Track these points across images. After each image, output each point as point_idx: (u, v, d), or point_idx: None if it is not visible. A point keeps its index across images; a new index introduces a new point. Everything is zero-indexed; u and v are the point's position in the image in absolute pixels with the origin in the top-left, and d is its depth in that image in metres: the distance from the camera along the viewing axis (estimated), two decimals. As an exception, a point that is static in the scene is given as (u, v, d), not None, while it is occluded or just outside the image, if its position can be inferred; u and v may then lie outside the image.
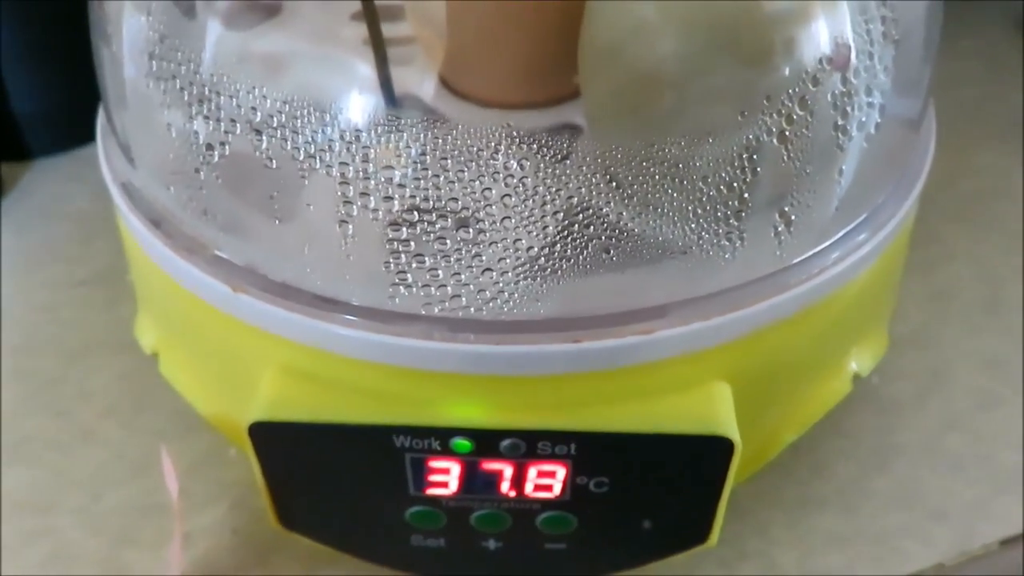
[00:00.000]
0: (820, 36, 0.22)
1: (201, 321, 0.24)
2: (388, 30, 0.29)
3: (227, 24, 0.30)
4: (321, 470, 0.24)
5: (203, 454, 0.31)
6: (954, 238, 0.40)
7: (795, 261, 0.24)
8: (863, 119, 0.22)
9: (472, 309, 0.22)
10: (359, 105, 0.24)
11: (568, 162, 0.25)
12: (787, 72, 0.22)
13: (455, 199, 0.21)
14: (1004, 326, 0.36)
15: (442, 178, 0.21)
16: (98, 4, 0.28)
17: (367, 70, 0.27)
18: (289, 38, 0.30)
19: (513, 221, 0.21)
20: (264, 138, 0.22)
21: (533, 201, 0.22)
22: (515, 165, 0.22)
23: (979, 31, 0.50)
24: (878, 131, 0.24)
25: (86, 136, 0.31)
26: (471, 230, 0.21)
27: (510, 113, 0.28)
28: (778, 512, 0.30)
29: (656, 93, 0.23)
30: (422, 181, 0.21)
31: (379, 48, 0.26)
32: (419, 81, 0.29)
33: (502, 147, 0.22)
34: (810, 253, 0.24)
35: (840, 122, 0.22)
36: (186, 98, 0.23)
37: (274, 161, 0.22)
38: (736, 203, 0.22)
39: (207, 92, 0.23)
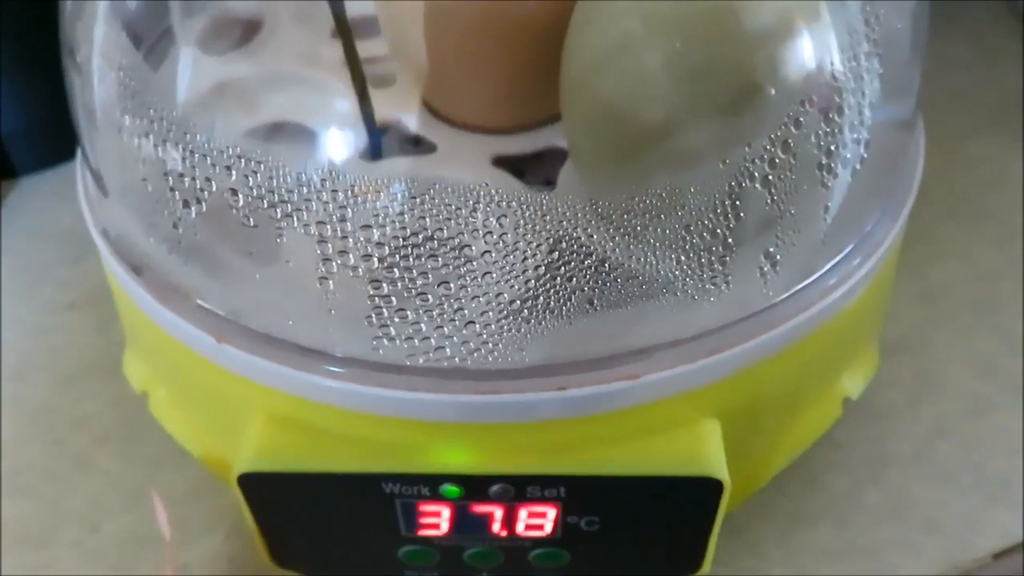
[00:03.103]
0: (803, 69, 0.22)
1: (187, 367, 0.24)
2: (367, 48, 0.29)
3: (202, 47, 0.30)
4: (312, 514, 0.24)
5: (198, 482, 0.31)
6: (946, 235, 0.39)
7: (781, 297, 0.23)
8: (848, 156, 0.22)
9: (456, 359, 0.22)
10: (332, 152, 0.24)
11: (552, 200, 0.25)
12: (769, 110, 0.21)
13: (435, 256, 0.21)
14: (997, 326, 0.36)
15: (421, 236, 0.21)
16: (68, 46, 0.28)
17: (346, 107, 0.26)
18: (266, 64, 0.30)
19: (494, 276, 0.21)
20: (240, 196, 0.21)
21: (514, 256, 0.21)
22: (494, 222, 0.22)
23: (970, 15, 0.49)
24: (864, 163, 0.23)
25: (72, 152, 0.31)
26: (452, 285, 0.21)
27: (495, 138, 0.28)
28: (770, 528, 0.30)
29: (631, 125, 0.23)
30: (401, 239, 0.21)
31: (363, 94, 0.26)
32: (401, 106, 0.29)
33: (480, 204, 0.22)
34: (797, 288, 0.24)
35: (824, 161, 0.22)
36: (156, 147, 0.23)
37: (251, 219, 0.21)
38: (720, 245, 0.22)
39: (177, 140, 0.23)
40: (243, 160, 0.22)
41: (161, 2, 0.29)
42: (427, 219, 0.21)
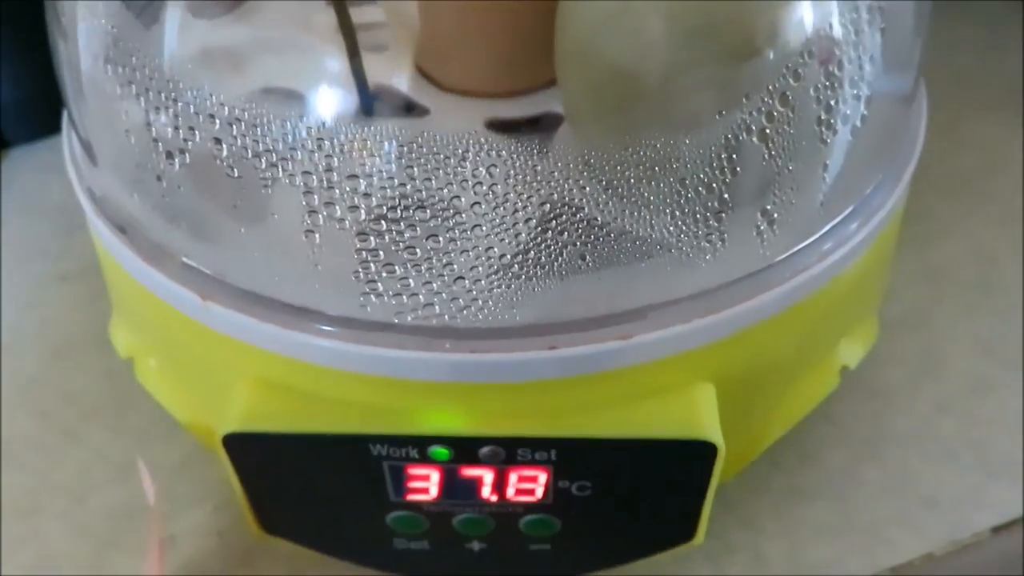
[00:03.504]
0: (802, 27, 0.21)
1: (172, 329, 0.24)
2: (361, 13, 0.28)
3: (194, 12, 0.30)
4: (298, 478, 0.24)
5: (187, 455, 0.31)
6: (948, 214, 0.39)
7: (779, 258, 0.23)
8: (848, 112, 0.22)
9: (446, 317, 0.21)
10: (321, 111, 0.24)
11: (546, 156, 0.25)
12: (767, 65, 0.21)
13: (423, 207, 0.21)
14: (998, 305, 0.35)
15: (409, 187, 0.21)
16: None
17: (337, 68, 0.26)
18: (257, 28, 0.29)
19: (484, 229, 0.21)
20: (224, 146, 0.21)
21: (504, 208, 0.21)
22: (484, 172, 0.21)
23: (976, -3, 0.49)
24: (864, 122, 0.23)
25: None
26: (441, 239, 0.21)
27: (489, 103, 0.27)
28: (766, 503, 0.30)
29: (631, 85, 0.22)
30: (388, 190, 0.21)
31: (354, 51, 0.25)
32: (394, 70, 0.28)
33: (470, 154, 0.21)
34: (795, 249, 0.23)
35: (824, 116, 0.21)
36: (143, 103, 0.22)
37: (236, 170, 0.21)
38: (716, 203, 0.22)
39: (165, 97, 0.23)
40: (227, 109, 0.21)
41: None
42: (416, 171, 0.21)
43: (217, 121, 0.22)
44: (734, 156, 0.21)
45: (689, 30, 0.21)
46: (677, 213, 0.22)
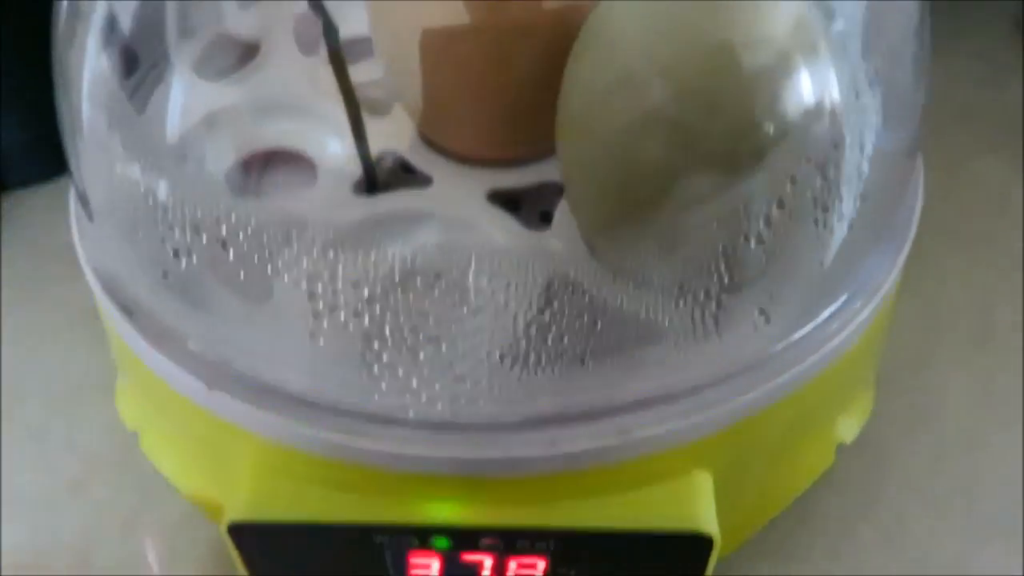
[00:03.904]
0: (803, 115, 0.21)
1: (178, 411, 0.24)
2: (367, 70, 0.28)
3: (198, 71, 0.30)
4: (303, 563, 0.24)
5: (190, 510, 0.31)
6: (946, 259, 0.39)
7: (776, 348, 0.23)
8: (844, 210, 0.22)
9: (448, 413, 0.22)
10: (326, 221, 0.24)
11: (545, 237, 0.25)
12: (770, 145, 0.21)
13: (426, 315, 0.21)
14: (996, 356, 0.35)
15: (412, 287, 0.21)
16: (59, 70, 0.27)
17: (342, 142, 0.26)
18: (262, 92, 0.30)
19: (485, 337, 0.21)
20: (231, 249, 0.21)
21: (506, 310, 0.21)
22: (485, 283, 0.21)
23: (975, 31, 0.49)
24: (860, 212, 0.23)
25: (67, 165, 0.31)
26: (444, 342, 0.21)
27: (491, 171, 0.27)
28: (762, 564, 0.30)
29: (629, 167, 0.22)
30: (391, 299, 0.21)
31: (359, 133, 0.26)
32: (397, 136, 0.29)
33: (473, 257, 0.22)
34: (791, 340, 0.23)
35: (821, 216, 0.22)
36: (151, 189, 0.23)
37: (241, 271, 0.21)
38: (713, 299, 0.22)
39: (172, 182, 0.23)
40: (233, 211, 0.22)
41: (157, 25, 0.29)
42: (418, 271, 0.21)
43: (223, 225, 0.22)
44: (731, 254, 0.21)
45: (687, 110, 0.21)
46: (675, 305, 0.22)
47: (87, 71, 0.27)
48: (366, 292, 0.21)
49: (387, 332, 0.21)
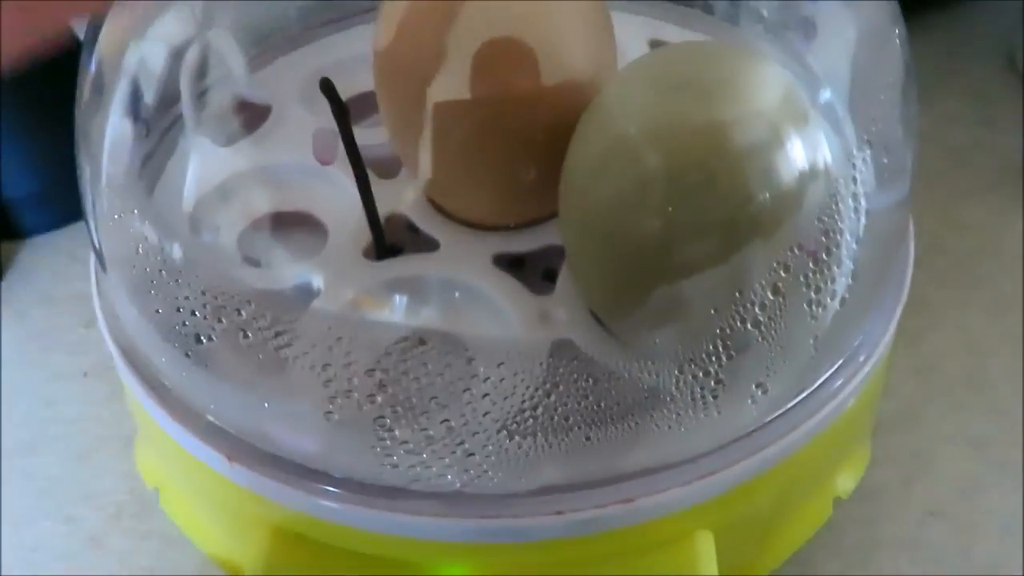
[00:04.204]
0: (796, 168, 0.22)
1: (198, 479, 0.25)
2: (377, 133, 0.29)
3: (211, 135, 0.31)
4: (318, 623, 0.25)
5: (208, 561, 0.32)
6: (939, 304, 0.40)
7: (772, 417, 0.24)
8: (836, 290, 0.23)
9: (458, 484, 0.23)
10: (336, 289, 0.25)
11: (551, 297, 0.26)
12: (765, 214, 0.22)
13: (436, 397, 0.22)
14: (989, 402, 0.36)
15: (423, 381, 0.22)
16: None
17: (351, 207, 0.27)
18: (273, 156, 0.31)
19: (492, 415, 0.22)
20: (249, 335, 0.22)
21: (512, 396, 0.22)
22: (493, 369, 0.22)
23: (967, 68, 0.50)
24: (856, 278, 0.24)
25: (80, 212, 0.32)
26: (454, 424, 0.22)
27: (498, 235, 0.28)
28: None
29: (626, 237, 0.23)
30: (403, 383, 0.22)
31: (368, 201, 0.26)
32: (405, 200, 0.30)
33: (477, 340, 0.23)
34: (787, 408, 0.24)
35: (814, 296, 0.23)
36: (170, 287, 0.24)
37: (259, 355, 0.22)
38: (712, 381, 0.23)
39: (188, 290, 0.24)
40: (252, 303, 0.23)
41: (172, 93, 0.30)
42: (429, 365, 0.22)
43: (242, 313, 0.23)
44: (728, 343, 0.22)
45: (681, 182, 0.22)
46: (678, 370, 0.23)
47: (108, 141, 0.28)
48: (376, 367, 0.22)
49: (396, 406, 0.22)
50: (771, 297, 0.22)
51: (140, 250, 0.25)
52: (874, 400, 0.28)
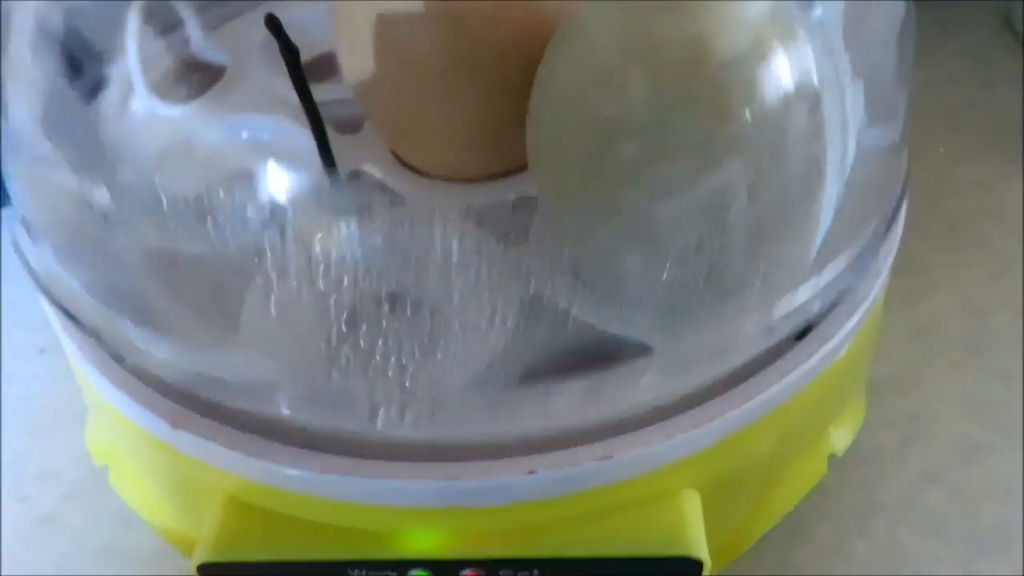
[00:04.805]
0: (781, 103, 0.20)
1: (143, 449, 0.23)
2: (338, 89, 0.28)
3: (163, 94, 0.29)
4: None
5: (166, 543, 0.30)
6: (937, 265, 0.38)
7: (760, 365, 0.22)
8: (827, 203, 0.21)
9: (424, 439, 0.21)
10: (291, 205, 0.23)
11: (523, 247, 0.24)
12: (746, 128, 0.20)
13: (399, 337, 0.20)
14: (989, 364, 0.35)
15: (382, 305, 0.20)
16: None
17: (311, 161, 0.25)
18: (229, 114, 0.29)
19: (462, 359, 0.20)
20: (197, 271, 0.21)
21: (481, 335, 0.21)
22: (460, 303, 0.21)
23: (963, 29, 0.48)
24: (841, 217, 0.22)
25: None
26: (419, 368, 0.20)
27: (466, 187, 0.27)
28: (755, 582, 0.29)
29: (607, 162, 0.21)
30: (364, 322, 0.20)
31: (326, 153, 0.25)
32: (367, 154, 0.28)
33: (446, 263, 0.21)
34: (776, 355, 0.23)
35: (805, 211, 0.21)
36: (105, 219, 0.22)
37: (203, 282, 0.21)
38: (694, 305, 0.21)
39: (132, 203, 0.22)
40: (194, 212, 0.21)
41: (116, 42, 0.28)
42: (389, 280, 0.20)
43: (181, 229, 0.22)
44: (713, 254, 0.20)
45: (665, 101, 0.20)
46: (655, 315, 0.21)
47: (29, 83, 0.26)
48: (335, 314, 0.20)
49: (360, 355, 0.20)
50: (755, 207, 0.20)
51: (69, 198, 0.23)
52: (869, 349, 0.27)
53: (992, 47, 0.48)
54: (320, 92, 0.28)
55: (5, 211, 0.41)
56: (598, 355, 0.22)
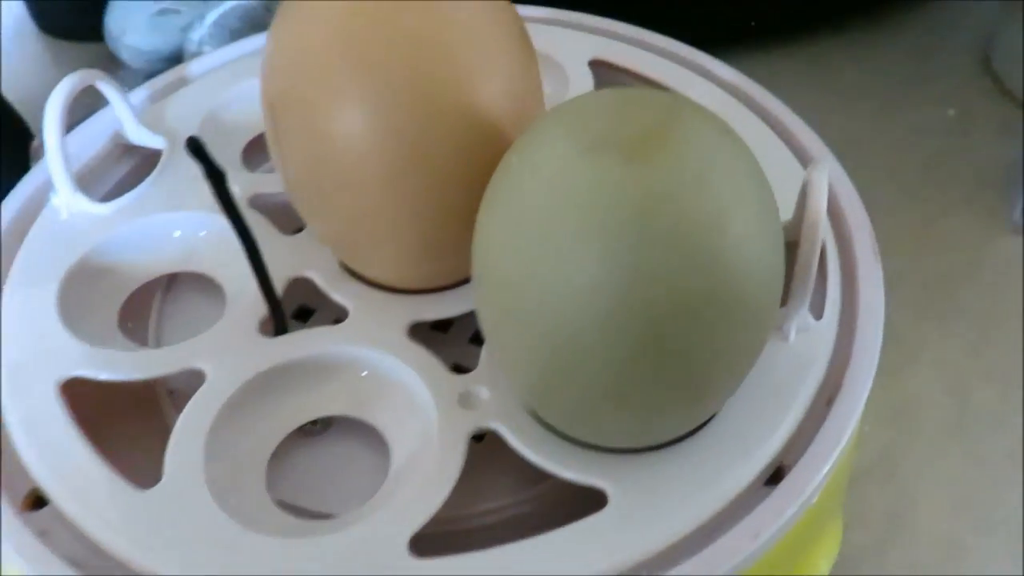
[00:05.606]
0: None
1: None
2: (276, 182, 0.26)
3: (85, 189, 0.27)
4: None
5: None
6: (917, 335, 0.36)
7: (729, 516, 0.21)
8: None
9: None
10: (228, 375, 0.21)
11: (471, 384, 0.22)
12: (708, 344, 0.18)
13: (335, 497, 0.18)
14: (971, 448, 0.33)
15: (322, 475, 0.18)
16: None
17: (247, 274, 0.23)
18: (162, 212, 0.27)
19: (400, 525, 0.18)
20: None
21: (423, 500, 0.19)
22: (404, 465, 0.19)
23: (942, 73, 0.46)
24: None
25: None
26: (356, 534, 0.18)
27: (413, 300, 0.25)
28: None
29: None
30: (296, 477, 0.18)
31: (262, 274, 0.23)
32: (311, 261, 0.26)
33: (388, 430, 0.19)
34: (742, 507, 0.21)
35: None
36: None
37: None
38: (658, 480, 0.19)
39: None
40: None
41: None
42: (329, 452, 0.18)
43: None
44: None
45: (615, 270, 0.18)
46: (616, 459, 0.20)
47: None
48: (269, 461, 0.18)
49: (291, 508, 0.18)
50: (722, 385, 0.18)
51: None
52: (843, 479, 0.25)
53: (971, 92, 0.46)
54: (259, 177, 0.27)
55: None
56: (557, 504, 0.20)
